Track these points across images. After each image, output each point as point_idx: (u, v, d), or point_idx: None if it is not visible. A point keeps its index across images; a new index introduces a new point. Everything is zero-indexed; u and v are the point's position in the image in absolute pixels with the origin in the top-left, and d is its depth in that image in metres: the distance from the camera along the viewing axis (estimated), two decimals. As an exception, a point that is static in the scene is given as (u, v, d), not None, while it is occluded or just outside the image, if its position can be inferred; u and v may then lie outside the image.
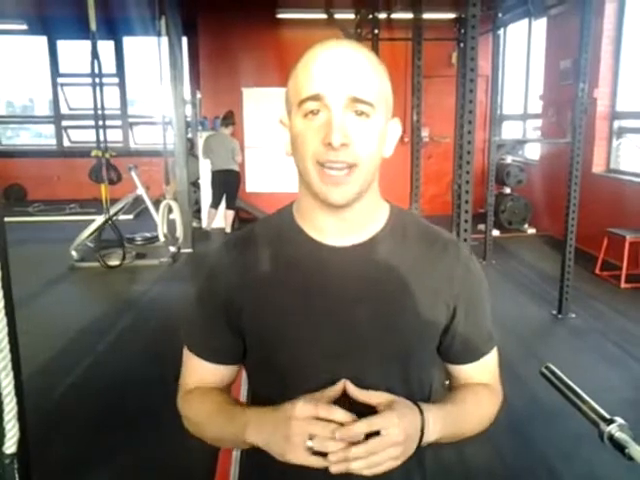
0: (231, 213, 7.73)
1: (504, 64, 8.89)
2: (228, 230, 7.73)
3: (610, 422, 1.53)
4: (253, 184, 8.65)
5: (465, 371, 1.01)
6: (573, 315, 4.47)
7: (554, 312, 4.50)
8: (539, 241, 7.41)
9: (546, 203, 7.53)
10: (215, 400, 0.95)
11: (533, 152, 8.61)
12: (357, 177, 0.83)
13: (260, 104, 8.58)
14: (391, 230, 0.93)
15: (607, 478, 2.54)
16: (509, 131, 9.56)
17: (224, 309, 0.93)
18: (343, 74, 0.81)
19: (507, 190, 8.04)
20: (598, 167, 6.86)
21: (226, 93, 8.71)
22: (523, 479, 2.65)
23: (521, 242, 7.47)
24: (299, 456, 0.79)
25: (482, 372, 1.02)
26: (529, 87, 8.54)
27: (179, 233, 6.65)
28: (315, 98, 0.82)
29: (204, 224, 7.99)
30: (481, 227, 6.81)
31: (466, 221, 3.36)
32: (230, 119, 7.63)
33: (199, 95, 9.12)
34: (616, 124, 6.81)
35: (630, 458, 1.43)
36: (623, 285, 5.29)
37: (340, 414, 0.79)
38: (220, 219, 7.79)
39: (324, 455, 0.79)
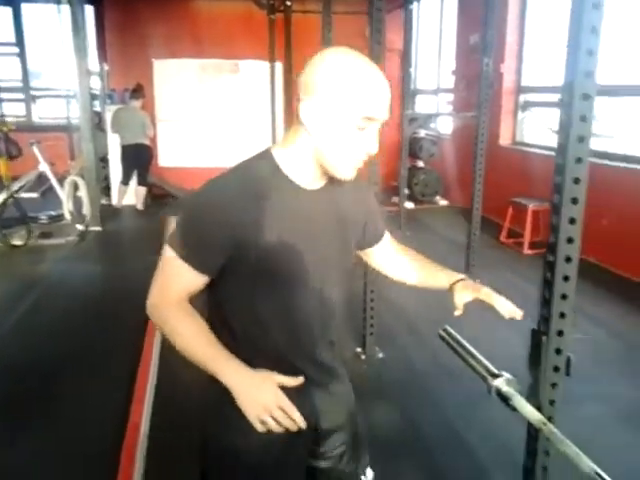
0: (143, 189, 7.49)
1: (417, 39, 9.02)
2: (140, 207, 7.48)
3: (498, 377, 1.59)
4: (166, 159, 8.41)
5: (380, 245, 1.47)
6: (479, 281, 4.63)
7: (462, 279, 4.65)
8: (451, 212, 7.64)
9: (457, 175, 7.77)
10: (202, 329, 1.17)
11: (445, 126, 8.82)
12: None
13: (172, 76, 8.31)
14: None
15: (506, 432, 2.66)
16: (423, 105, 9.75)
17: (234, 233, 1.12)
18: (387, 103, 1.11)
19: (420, 163, 8.21)
20: (505, 140, 7.13)
21: (135, 65, 8.38)
22: (429, 439, 2.74)
23: (434, 214, 7.69)
24: (254, 418, 1.10)
25: (390, 240, 1.50)
26: (442, 62, 8.71)
27: (86, 210, 6.37)
28: (371, 119, 1.10)
29: (114, 201, 7.70)
30: (395, 200, 6.94)
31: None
32: (140, 92, 7.36)
33: (106, 67, 8.70)
34: (522, 98, 7.08)
35: (514, 409, 1.50)
36: (526, 251, 5.57)
37: (297, 416, 1.12)
38: (131, 196, 7.53)
39: None
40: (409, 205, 7.51)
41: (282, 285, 1.19)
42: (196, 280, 1.17)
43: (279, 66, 8.29)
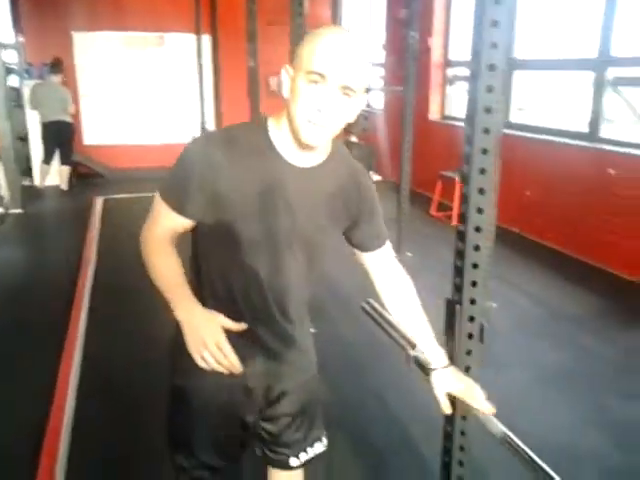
0: (67, 168, 7.17)
1: (347, 12, 8.96)
2: (64, 187, 7.18)
3: (416, 346, 1.62)
4: (91, 136, 8.08)
5: (376, 256, 1.49)
6: (409, 254, 4.73)
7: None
8: (383, 187, 7.61)
9: (389, 150, 7.83)
10: (173, 268, 1.29)
11: (377, 101, 8.84)
12: (328, 133, 1.19)
13: (94, 49, 7.95)
14: (330, 159, 1.29)
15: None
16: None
17: (210, 186, 1.20)
18: (343, 65, 1.12)
19: (353, 138, 8.21)
20: (434, 114, 7.24)
21: (54, 37, 7.94)
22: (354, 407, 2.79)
23: (367, 188, 7.69)
24: (195, 352, 1.22)
25: (389, 258, 1.52)
26: (373, 36, 8.69)
27: (4, 192, 6.06)
28: (320, 75, 1.12)
29: (37, 182, 7.34)
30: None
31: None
32: (59, 66, 7.02)
33: (22, 39, 8.20)
34: (450, 72, 7.18)
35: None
36: (454, 223, 5.69)
37: (232, 358, 1.23)
38: (54, 176, 7.20)
39: None
40: (342, 180, 7.51)
41: (240, 247, 1.25)
42: (176, 221, 1.26)
43: (207, 39, 8.05)
